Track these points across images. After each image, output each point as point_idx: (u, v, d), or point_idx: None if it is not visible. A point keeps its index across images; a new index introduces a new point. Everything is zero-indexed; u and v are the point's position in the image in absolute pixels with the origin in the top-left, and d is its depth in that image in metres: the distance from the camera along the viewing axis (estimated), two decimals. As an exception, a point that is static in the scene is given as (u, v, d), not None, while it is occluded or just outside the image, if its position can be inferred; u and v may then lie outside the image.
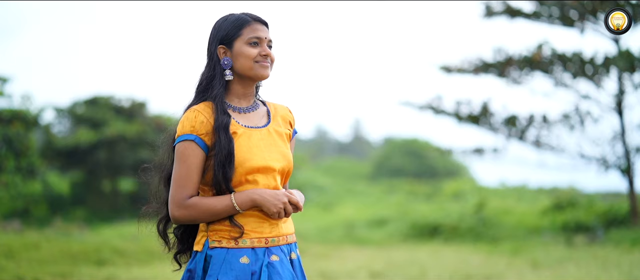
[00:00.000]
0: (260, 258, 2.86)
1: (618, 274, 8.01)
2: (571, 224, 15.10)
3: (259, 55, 2.95)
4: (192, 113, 2.88)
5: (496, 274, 8.80)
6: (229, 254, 2.84)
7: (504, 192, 27.52)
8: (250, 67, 2.94)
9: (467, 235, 14.90)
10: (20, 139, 20.20)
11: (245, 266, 2.83)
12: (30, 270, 9.49)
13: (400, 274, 9.11)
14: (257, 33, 2.95)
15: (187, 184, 2.84)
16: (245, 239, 2.85)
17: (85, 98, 24.75)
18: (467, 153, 16.21)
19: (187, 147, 2.85)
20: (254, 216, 2.88)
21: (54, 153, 23.39)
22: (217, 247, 2.85)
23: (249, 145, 2.89)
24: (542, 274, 8.42)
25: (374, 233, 15.97)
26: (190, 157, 2.85)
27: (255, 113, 3.03)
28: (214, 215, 2.84)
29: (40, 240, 12.00)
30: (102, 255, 11.22)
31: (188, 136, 2.86)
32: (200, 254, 2.88)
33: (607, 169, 14.76)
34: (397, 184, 31.57)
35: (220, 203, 2.83)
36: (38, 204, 22.83)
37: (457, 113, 15.26)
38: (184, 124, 2.88)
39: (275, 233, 2.91)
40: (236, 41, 2.94)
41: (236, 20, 2.96)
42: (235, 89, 2.99)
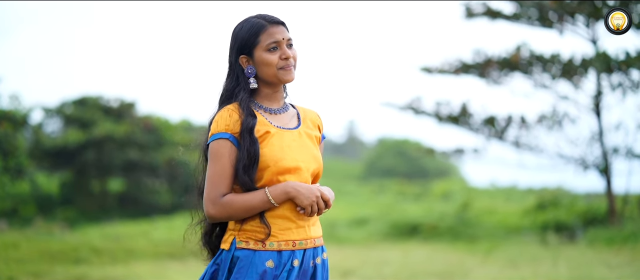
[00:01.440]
0: (284, 261, 2.88)
1: (567, 269, 8.16)
2: (551, 223, 15.23)
3: (280, 60, 2.95)
4: (226, 112, 2.91)
5: (459, 271, 8.93)
6: (256, 257, 2.85)
7: (493, 192, 27.64)
8: (273, 75, 2.95)
9: (446, 235, 15.02)
10: (9, 139, 20.25)
11: (270, 270, 2.85)
12: (6, 269, 9.61)
13: (368, 272, 9.25)
14: (275, 37, 2.95)
15: (221, 181, 2.86)
16: (273, 241, 2.87)
17: (74, 98, 24.82)
18: (449, 153, 16.37)
19: (223, 145, 2.87)
20: (283, 218, 2.89)
21: (42, 153, 23.45)
22: (244, 247, 2.87)
23: (281, 145, 2.92)
24: (502, 270, 8.57)
25: (354, 232, 16.08)
26: (225, 155, 2.87)
27: (286, 115, 3.05)
28: (249, 210, 2.86)
29: (20, 239, 12.13)
30: (80, 255, 11.33)
31: (223, 134, 2.87)
32: (227, 253, 2.90)
33: (585, 169, 14.90)
34: (387, 185, 31.67)
35: (255, 198, 2.84)
36: (26, 204, 22.92)
37: (437, 114, 15.39)
38: (219, 123, 2.90)
39: (303, 236, 2.93)
40: (256, 49, 2.95)
41: (252, 27, 2.97)
42: (264, 91, 3.01)
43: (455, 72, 15.31)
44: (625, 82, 13.95)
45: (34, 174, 23.48)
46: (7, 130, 19.83)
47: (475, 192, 26.97)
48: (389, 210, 18.96)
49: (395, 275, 8.75)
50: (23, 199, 23.16)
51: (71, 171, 24.37)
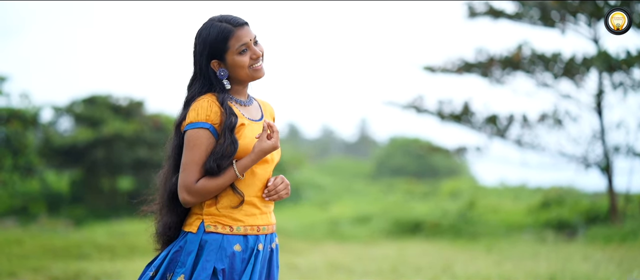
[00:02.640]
0: (251, 245, 3.04)
1: (547, 265, 8.26)
2: (553, 222, 15.32)
3: (251, 60, 3.09)
4: (206, 102, 3.01)
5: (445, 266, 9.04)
6: (224, 241, 2.99)
7: (502, 191, 27.60)
8: (247, 74, 3.10)
9: (448, 232, 15.11)
10: (18, 137, 20.48)
11: (238, 253, 3.00)
12: (7, 264, 9.77)
13: (360, 267, 9.37)
14: (242, 40, 3.07)
15: (197, 169, 2.97)
16: (240, 226, 3.02)
17: (84, 97, 25.01)
18: (452, 151, 16.45)
19: (202, 135, 2.97)
20: (250, 204, 3.06)
21: (52, 152, 23.63)
22: (213, 231, 2.99)
23: (252, 137, 3.06)
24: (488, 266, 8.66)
25: (357, 230, 16.19)
26: (203, 145, 2.98)
27: (252, 107, 3.23)
28: (224, 188, 3.00)
29: (24, 236, 12.31)
30: (83, 251, 11.49)
31: (203, 124, 2.98)
32: (194, 236, 3.00)
33: (587, 167, 14.95)
34: (396, 183, 31.72)
35: (226, 179, 2.98)
36: (36, 202, 23.13)
37: (439, 112, 15.48)
38: (199, 112, 2.99)
39: (266, 222, 3.11)
40: (227, 54, 3.07)
41: (220, 33, 3.07)
42: (235, 87, 3.15)
43: (458, 70, 15.39)
44: (626, 81, 13.99)
45: (44, 172, 23.67)
46: (17, 128, 20.05)
47: (484, 191, 26.97)
48: (394, 208, 19.03)
49: (389, 270, 8.86)
50: (33, 197, 23.37)
51: (81, 169, 24.55)
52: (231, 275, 3.00)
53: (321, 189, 29.92)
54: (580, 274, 7.28)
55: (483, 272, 8.05)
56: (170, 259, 3.04)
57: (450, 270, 8.40)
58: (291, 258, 11.11)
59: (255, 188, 3.09)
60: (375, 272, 8.63)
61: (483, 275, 7.71)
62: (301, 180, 30.21)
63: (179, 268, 3.00)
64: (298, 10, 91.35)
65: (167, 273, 3.03)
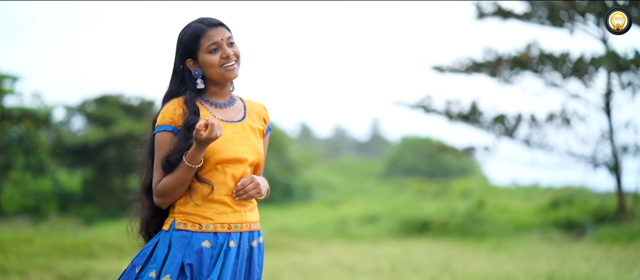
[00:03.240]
0: (221, 242, 3.10)
1: (547, 264, 8.29)
2: (562, 221, 15.32)
3: (221, 59, 3.14)
4: (171, 106, 3.11)
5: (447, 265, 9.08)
6: (193, 237, 3.06)
7: (513, 191, 27.59)
8: (217, 74, 3.14)
9: (455, 232, 15.14)
10: (31, 136, 20.63)
11: (206, 250, 3.06)
12: (17, 262, 9.84)
13: (363, 265, 9.44)
14: (213, 39, 3.13)
15: (161, 170, 3.08)
16: (209, 223, 3.09)
17: (95, 96, 25.18)
18: (460, 151, 16.47)
19: (166, 137, 3.08)
20: (220, 203, 3.11)
21: (64, 151, 23.80)
22: (182, 229, 3.08)
23: (222, 138, 3.10)
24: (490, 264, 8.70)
25: (365, 229, 16.24)
26: (167, 146, 3.08)
27: (232, 108, 3.25)
28: (180, 183, 3.06)
29: (34, 235, 12.38)
30: (93, 250, 11.57)
31: (167, 127, 3.09)
32: (166, 233, 3.09)
33: (595, 167, 14.95)
34: (407, 183, 31.74)
35: (179, 170, 3.04)
36: (48, 201, 23.28)
37: (447, 112, 15.50)
38: (164, 116, 3.10)
39: (239, 220, 3.14)
40: (199, 52, 3.13)
41: (192, 32, 3.15)
42: (211, 89, 3.20)
43: (466, 70, 15.41)
44: (635, 81, 13.97)
45: (56, 171, 23.83)
46: (29, 128, 20.18)
47: (495, 190, 26.96)
48: (403, 208, 19.06)
49: (388, 269, 8.92)
50: (45, 196, 23.53)
51: (92, 169, 24.71)
52: (199, 270, 3.07)
53: (332, 189, 29.97)
54: (580, 273, 7.32)
55: (482, 271, 8.09)
56: (143, 254, 3.14)
57: (450, 269, 8.44)
58: (294, 257, 11.18)
59: (227, 187, 3.14)
60: (374, 271, 8.69)
61: (481, 275, 7.75)
62: (312, 180, 30.29)
63: (151, 263, 3.09)
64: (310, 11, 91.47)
65: (138, 267, 3.12)
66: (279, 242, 13.69)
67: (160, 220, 3.25)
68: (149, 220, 3.26)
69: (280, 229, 17.03)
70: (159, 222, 3.25)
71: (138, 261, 3.13)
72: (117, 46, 68.94)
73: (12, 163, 20.02)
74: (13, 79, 20.26)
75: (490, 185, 29.69)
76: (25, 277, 8.76)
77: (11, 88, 20.15)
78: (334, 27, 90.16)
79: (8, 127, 19.57)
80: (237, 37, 3.26)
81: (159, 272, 3.06)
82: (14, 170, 20.21)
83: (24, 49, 66.19)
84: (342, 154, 53.85)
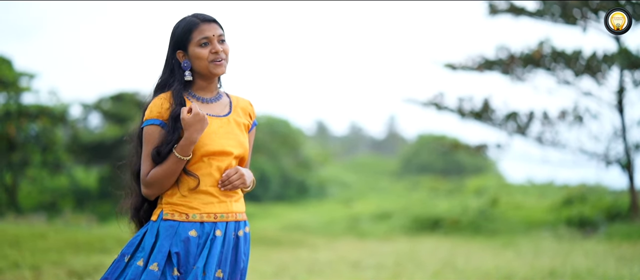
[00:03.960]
0: (207, 231, 3.21)
1: (550, 260, 8.33)
2: (575, 219, 15.30)
3: (211, 54, 3.25)
4: (159, 100, 3.21)
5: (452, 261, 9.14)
6: (180, 227, 3.17)
7: (528, 188, 27.54)
8: (205, 67, 3.25)
9: (467, 229, 15.17)
10: (47, 134, 20.84)
11: (193, 239, 3.18)
12: (30, 258, 9.96)
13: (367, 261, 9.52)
14: (205, 33, 3.24)
15: (149, 162, 3.19)
16: (196, 213, 3.20)
17: (111, 94, 25.36)
18: (473, 149, 16.49)
19: (154, 131, 3.19)
20: (206, 194, 3.22)
21: (80, 148, 23.99)
22: (170, 219, 3.18)
23: (208, 131, 3.22)
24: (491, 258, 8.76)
25: (377, 226, 16.30)
26: (155, 139, 3.19)
27: (218, 103, 3.36)
28: (169, 174, 3.17)
29: (48, 231, 12.51)
30: (106, 245, 11.68)
31: (154, 121, 3.19)
32: (154, 223, 3.20)
33: (608, 164, 14.95)
34: (421, 181, 31.76)
35: (169, 161, 3.15)
36: (65, 198, 23.48)
37: (459, 109, 15.53)
38: (152, 110, 3.21)
39: (224, 210, 3.25)
40: (189, 45, 3.24)
41: (186, 25, 3.27)
42: (199, 83, 3.31)
43: (478, 68, 15.42)
44: (647, 79, 13.99)
45: (72, 168, 24.02)
46: (46, 125, 20.40)
47: (510, 188, 26.94)
48: (416, 205, 19.11)
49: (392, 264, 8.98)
50: (61, 193, 23.73)
51: (109, 166, 24.88)
52: (186, 258, 3.18)
53: (346, 186, 30.05)
54: (581, 268, 7.36)
55: (484, 266, 8.14)
56: (131, 244, 3.25)
57: (452, 265, 8.50)
58: (302, 252, 11.27)
59: (213, 178, 3.26)
60: (377, 267, 8.75)
61: (483, 270, 7.80)
62: (326, 178, 30.37)
63: (139, 252, 3.20)
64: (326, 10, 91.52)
65: (127, 256, 3.23)
66: (290, 238, 13.78)
67: (150, 207, 3.36)
68: (139, 207, 3.37)
69: (293, 226, 17.13)
70: (149, 209, 3.36)
71: (127, 250, 3.23)
72: (133, 44, 69.34)
73: (29, 160, 20.24)
74: (30, 76, 20.47)
75: (505, 183, 29.67)
76: (38, 272, 8.87)
77: (28, 85, 20.36)
78: (350, 25, 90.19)
79: (25, 124, 19.78)
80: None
81: (147, 261, 3.16)
82: (31, 167, 20.43)
83: (41, 47, 66.70)
84: (358, 152, 53.91)
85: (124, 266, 3.21)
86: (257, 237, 13.56)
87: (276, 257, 10.56)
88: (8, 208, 19.72)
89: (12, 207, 20.04)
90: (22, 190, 22.14)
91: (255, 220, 19.45)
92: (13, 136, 19.59)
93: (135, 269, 3.15)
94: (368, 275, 7.98)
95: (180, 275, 3.17)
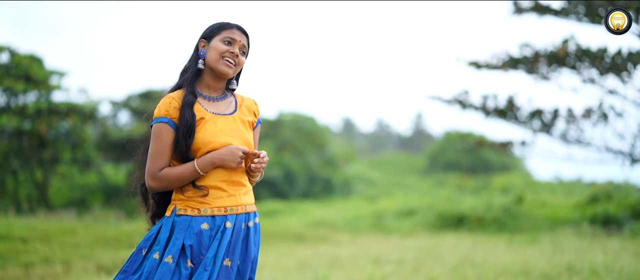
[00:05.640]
0: (218, 224, 3.39)
1: (569, 256, 8.40)
2: (600, 216, 15.30)
3: (227, 52, 3.45)
4: (167, 99, 3.42)
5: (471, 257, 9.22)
6: (193, 221, 3.36)
7: (555, 186, 27.46)
8: (216, 60, 3.45)
9: (491, 226, 15.22)
10: (77, 131, 21.13)
11: (205, 231, 3.36)
12: (60, 252, 10.21)
13: (388, 256, 9.62)
14: (233, 35, 3.47)
15: (160, 158, 3.37)
16: (207, 207, 3.38)
17: (140, 92, 25.62)
18: (497, 146, 16.52)
19: (162, 128, 3.37)
20: (216, 188, 3.40)
21: (109, 145, 24.25)
22: (183, 214, 3.36)
23: (214, 129, 3.40)
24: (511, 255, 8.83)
25: (401, 223, 16.38)
26: (164, 136, 3.37)
27: (224, 102, 3.55)
28: (182, 180, 3.36)
29: (78, 226, 12.77)
30: (134, 241, 11.91)
31: (162, 118, 3.38)
32: (168, 219, 3.38)
33: (633, 162, 14.91)
34: (447, 178, 31.76)
35: (186, 170, 3.35)
36: (94, 195, 23.77)
37: (484, 107, 15.55)
38: (160, 108, 3.41)
39: (234, 203, 3.43)
40: (214, 37, 3.47)
41: (221, 23, 3.50)
42: (207, 80, 3.50)
43: (503, 66, 15.42)
44: (672, 76, 13.94)
45: (101, 165, 24.31)
46: (76, 122, 20.68)
47: (537, 186, 26.89)
48: (441, 202, 19.16)
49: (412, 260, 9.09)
50: (91, 190, 24.02)
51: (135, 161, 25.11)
52: (199, 250, 3.37)
53: (372, 184, 30.10)
54: (599, 264, 7.43)
55: (502, 262, 8.22)
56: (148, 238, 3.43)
57: (470, 260, 8.59)
58: (325, 248, 11.40)
59: (221, 174, 3.43)
60: (397, 262, 8.86)
61: (501, 265, 7.88)
62: (352, 175, 30.44)
63: (155, 246, 3.39)
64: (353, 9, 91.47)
65: (145, 250, 3.42)
66: (315, 234, 13.92)
67: (165, 200, 3.56)
68: (158, 201, 3.59)
69: (318, 222, 17.26)
70: (161, 198, 3.57)
71: (144, 245, 3.43)
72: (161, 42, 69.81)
73: (59, 157, 20.52)
74: (60, 74, 20.76)
75: (532, 181, 29.59)
76: (68, 266, 9.09)
77: (58, 84, 20.63)
78: (377, 24, 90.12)
79: (55, 122, 20.06)
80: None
81: (162, 254, 3.35)
82: (61, 164, 20.72)
83: (71, 45, 67.34)
84: (385, 149, 53.89)
85: (141, 259, 3.39)
86: (282, 232, 13.73)
87: (299, 252, 10.71)
88: (39, 204, 20.03)
89: (43, 203, 20.36)
90: (52, 186, 22.47)
91: (282, 216, 19.61)
92: (44, 134, 19.89)
93: (151, 261, 3.33)
94: (388, 269, 8.09)
95: (193, 266, 3.34)
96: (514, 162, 38.02)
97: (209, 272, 3.34)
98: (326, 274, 7.88)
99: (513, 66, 15.42)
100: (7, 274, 8.36)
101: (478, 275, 7.18)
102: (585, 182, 27.38)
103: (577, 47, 14.65)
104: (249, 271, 3.50)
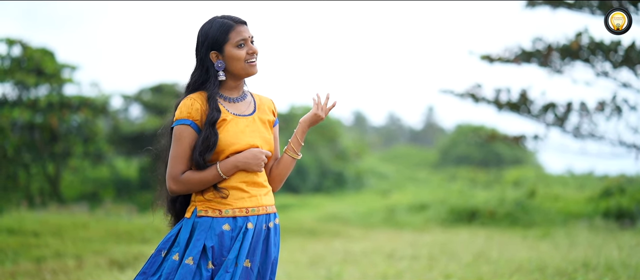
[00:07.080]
0: (239, 225, 3.37)
1: (584, 252, 8.36)
2: (613, 210, 15.22)
3: (247, 55, 3.41)
4: (189, 101, 3.36)
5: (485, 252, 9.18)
6: (214, 222, 3.34)
7: (568, 180, 27.35)
8: (242, 68, 3.42)
9: (504, 220, 15.15)
10: (89, 125, 21.17)
11: (227, 232, 3.34)
12: (72, 247, 10.23)
13: (402, 252, 9.60)
14: (242, 35, 3.40)
15: (182, 161, 3.33)
16: (228, 208, 3.36)
17: (151, 85, 25.64)
18: (510, 139, 16.43)
19: (184, 130, 3.33)
20: (237, 189, 3.38)
21: (121, 139, 24.29)
22: (203, 215, 3.34)
23: (235, 131, 3.38)
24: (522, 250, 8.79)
25: (413, 217, 16.34)
26: (186, 139, 3.32)
27: (243, 102, 3.52)
28: (204, 184, 3.33)
29: (90, 220, 12.80)
30: (146, 235, 11.93)
31: (185, 121, 3.33)
32: (188, 220, 3.36)
33: (646, 156, 14.82)
34: (459, 172, 31.68)
35: (209, 174, 3.32)
36: (106, 188, 23.83)
37: (496, 100, 15.47)
38: (182, 110, 3.35)
39: (255, 204, 3.41)
40: (226, 46, 3.39)
41: (221, 26, 3.40)
42: (228, 83, 3.47)
43: (515, 60, 15.32)
44: (687, 70, 13.83)
45: (113, 159, 24.35)
46: (88, 116, 20.72)
47: (549, 179, 26.78)
48: (453, 196, 19.09)
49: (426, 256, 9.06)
50: (103, 184, 24.08)
51: (149, 157, 25.11)
52: (220, 251, 3.34)
53: (384, 178, 30.06)
54: (615, 260, 7.38)
55: (518, 257, 8.19)
56: (167, 240, 3.41)
57: (485, 256, 8.56)
58: (339, 243, 11.39)
59: (242, 175, 3.41)
60: (411, 257, 8.84)
61: (517, 261, 7.85)
62: (364, 169, 30.40)
63: (175, 247, 3.36)
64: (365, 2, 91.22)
65: (164, 252, 3.39)
66: (328, 229, 13.91)
67: (185, 200, 3.52)
68: (175, 199, 3.54)
69: (330, 217, 17.24)
70: (183, 201, 3.52)
71: (163, 246, 3.40)
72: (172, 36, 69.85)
73: (71, 151, 20.58)
74: (72, 68, 20.80)
75: (545, 174, 29.50)
76: (80, 261, 9.10)
77: (70, 77, 20.68)
78: (388, 17, 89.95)
79: (67, 115, 20.11)
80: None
81: (182, 255, 3.32)
82: (72, 158, 20.77)
83: (83, 39, 67.47)
84: (396, 143, 53.82)
85: (160, 261, 3.37)
86: (294, 227, 13.71)
87: (312, 247, 10.70)
88: (51, 198, 20.09)
89: (55, 197, 20.41)
90: (64, 180, 22.53)
91: (293, 211, 19.59)
92: (55, 127, 19.93)
93: (171, 263, 3.31)
94: (402, 265, 8.07)
95: (214, 268, 3.32)
96: (526, 156, 37.89)
97: (230, 273, 3.31)
98: (339, 270, 7.87)
99: (526, 60, 15.32)
100: (19, 268, 8.38)
101: (493, 272, 7.15)
102: (597, 176, 27.29)
103: (590, 40, 14.55)
104: (269, 273, 3.48)
